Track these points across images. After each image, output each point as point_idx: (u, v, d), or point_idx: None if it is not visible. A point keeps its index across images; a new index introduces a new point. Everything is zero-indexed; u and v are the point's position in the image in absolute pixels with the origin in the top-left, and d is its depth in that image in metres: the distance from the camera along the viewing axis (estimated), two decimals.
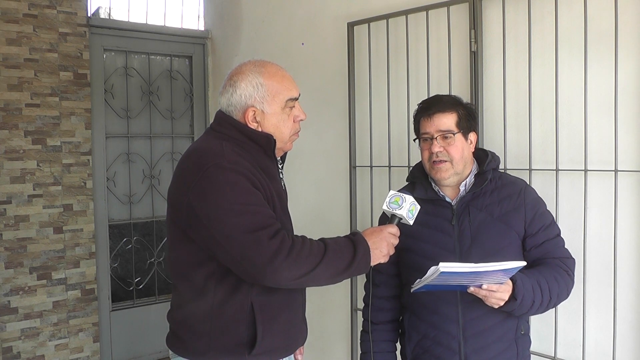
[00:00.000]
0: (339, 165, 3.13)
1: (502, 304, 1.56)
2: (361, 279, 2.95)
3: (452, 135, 1.73)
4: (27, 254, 3.52)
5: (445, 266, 1.42)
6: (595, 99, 2.11)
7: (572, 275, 1.72)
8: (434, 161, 1.74)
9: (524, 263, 1.48)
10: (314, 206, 3.31)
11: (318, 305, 3.17)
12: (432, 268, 1.46)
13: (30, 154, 3.52)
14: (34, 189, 3.54)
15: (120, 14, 4.11)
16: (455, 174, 1.75)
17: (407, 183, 1.95)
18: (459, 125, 1.75)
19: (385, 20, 2.77)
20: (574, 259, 1.77)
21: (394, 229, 1.65)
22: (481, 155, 1.83)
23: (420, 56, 2.67)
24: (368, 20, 2.85)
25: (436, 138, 1.73)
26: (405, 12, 2.66)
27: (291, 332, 1.68)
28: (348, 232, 2.63)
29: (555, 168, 2.20)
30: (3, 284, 3.44)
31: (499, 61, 2.36)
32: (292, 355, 1.72)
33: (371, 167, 2.88)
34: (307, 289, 1.75)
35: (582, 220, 2.12)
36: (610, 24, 2.04)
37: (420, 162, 1.85)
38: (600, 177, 2.11)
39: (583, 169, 2.12)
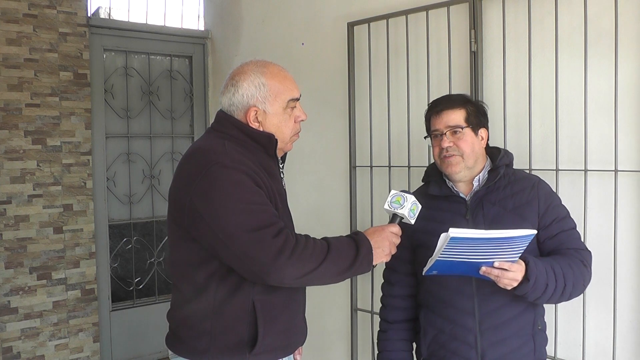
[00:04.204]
0: (339, 165, 3.13)
1: (515, 284, 1.54)
2: (362, 279, 2.96)
3: (460, 130, 1.74)
4: (27, 254, 3.52)
5: (455, 231, 1.40)
6: (595, 99, 2.11)
7: (588, 267, 1.70)
8: (444, 156, 1.76)
9: (534, 231, 1.47)
10: (314, 206, 3.31)
11: (318, 305, 3.17)
12: (443, 235, 1.44)
13: (30, 154, 3.52)
14: (34, 189, 3.53)
15: (120, 14, 4.11)
16: (467, 168, 1.76)
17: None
18: (467, 120, 1.76)
19: (385, 20, 2.77)
20: (590, 252, 1.75)
21: (395, 228, 1.65)
22: (494, 152, 1.84)
23: (420, 56, 2.67)
24: (368, 20, 2.85)
25: (445, 133, 1.75)
26: (405, 12, 2.67)
27: (292, 332, 1.68)
28: (348, 232, 2.64)
29: (555, 168, 2.20)
30: (3, 284, 3.44)
31: (499, 61, 2.36)
32: (292, 354, 1.72)
33: (371, 167, 2.88)
34: (307, 288, 1.75)
35: (582, 220, 2.12)
36: (610, 24, 2.05)
37: (434, 162, 1.85)
38: (600, 177, 2.11)
39: (583, 169, 2.13)
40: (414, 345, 1.92)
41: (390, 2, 2.78)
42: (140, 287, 4.16)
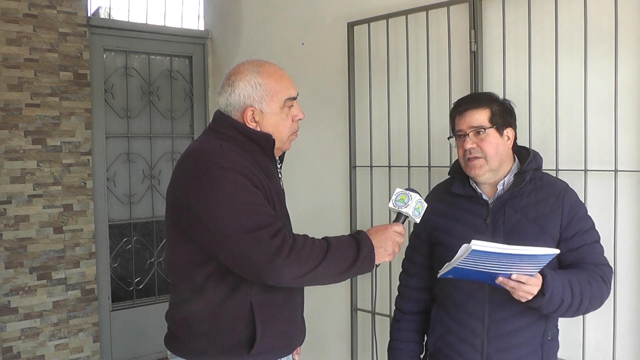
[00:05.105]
0: (339, 165, 3.13)
1: (530, 297, 1.51)
2: (362, 279, 2.96)
3: (484, 130, 1.69)
4: (27, 254, 3.52)
5: (477, 244, 1.37)
6: (595, 99, 2.11)
7: (607, 283, 1.65)
8: (468, 158, 1.71)
9: (557, 251, 1.44)
10: (313, 206, 3.31)
11: (318, 305, 3.17)
12: (464, 246, 1.41)
13: (30, 154, 3.52)
14: (34, 189, 3.53)
15: (120, 14, 4.11)
16: (491, 170, 1.71)
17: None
18: (491, 120, 1.71)
19: (385, 20, 2.77)
20: (611, 268, 1.71)
21: (399, 227, 1.64)
22: (524, 154, 1.79)
23: (420, 56, 2.67)
24: (368, 20, 2.85)
25: (468, 134, 1.71)
26: (405, 12, 2.67)
27: (290, 332, 1.68)
28: (348, 232, 2.64)
29: (555, 168, 2.20)
30: (3, 284, 3.44)
31: (499, 61, 2.36)
32: (291, 355, 1.72)
33: (371, 167, 2.88)
34: (307, 288, 1.75)
35: None
36: (610, 24, 2.04)
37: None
38: (600, 177, 2.11)
39: (583, 169, 2.12)
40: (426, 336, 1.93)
41: (390, 2, 2.78)
42: (140, 287, 4.16)
